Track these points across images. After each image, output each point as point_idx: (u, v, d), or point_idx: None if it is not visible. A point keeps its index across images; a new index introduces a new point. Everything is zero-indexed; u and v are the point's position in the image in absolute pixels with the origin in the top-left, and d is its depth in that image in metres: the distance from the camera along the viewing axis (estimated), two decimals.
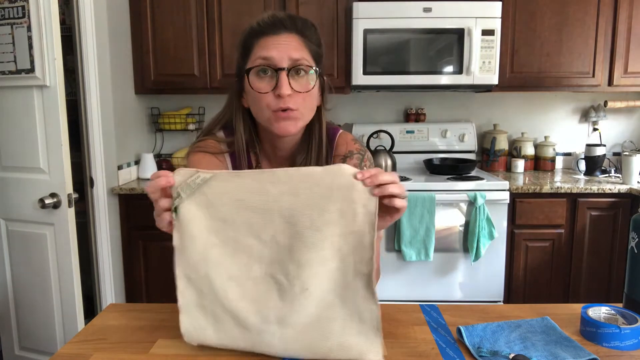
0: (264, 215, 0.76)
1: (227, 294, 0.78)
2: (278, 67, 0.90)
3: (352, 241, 0.75)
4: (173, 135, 2.97)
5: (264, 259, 0.78)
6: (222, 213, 0.76)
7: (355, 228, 0.75)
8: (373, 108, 2.98)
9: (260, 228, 0.77)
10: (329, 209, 0.74)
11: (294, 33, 0.93)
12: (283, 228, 0.76)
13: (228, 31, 2.56)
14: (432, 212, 2.28)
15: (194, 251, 0.77)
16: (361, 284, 0.76)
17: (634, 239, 0.90)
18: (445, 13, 2.44)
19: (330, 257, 0.76)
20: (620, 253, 2.41)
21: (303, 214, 0.75)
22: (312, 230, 0.75)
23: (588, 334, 0.85)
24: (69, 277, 1.91)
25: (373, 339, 0.77)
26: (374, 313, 0.77)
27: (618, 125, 2.94)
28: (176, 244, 0.77)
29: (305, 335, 0.77)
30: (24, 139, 1.88)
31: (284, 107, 0.90)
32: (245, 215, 0.76)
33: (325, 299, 0.77)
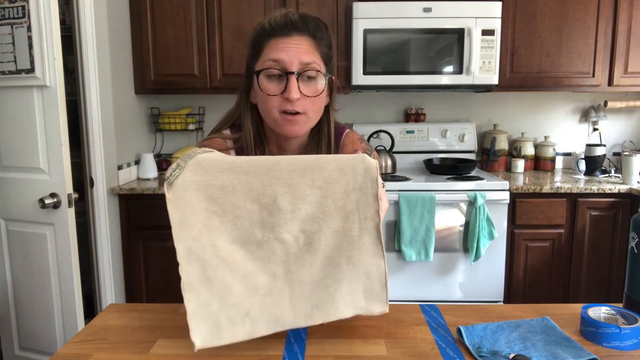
0: (263, 179, 0.76)
1: (234, 256, 0.78)
2: (288, 70, 0.90)
3: (355, 197, 0.77)
4: (173, 135, 2.97)
5: (266, 223, 0.77)
6: (221, 180, 0.76)
7: (357, 184, 0.76)
8: (373, 108, 2.98)
9: (260, 192, 0.76)
10: (328, 168, 0.76)
11: (306, 35, 0.93)
12: (284, 191, 0.76)
13: (228, 31, 2.56)
14: (432, 212, 2.28)
15: (195, 220, 0.76)
16: (368, 239, 0.78)
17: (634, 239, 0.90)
18: (445, 13, 2.44)
19: (333, 213, 0.77)
20: (620, 253, 2.41)
21: (303, 174, 0.76)
22: (314, 189, 0.76)
23: (588, 334, 0.85)
24: (69, 277, 1.91)
25: (379, 292, 0.79)
26: (381, 268, 0.78)
27: (618, 125, 2.95)
28: (175, 218, 0.75)
29: (314, 294, 0.78)
30: (24, 139, 1.88)
31: (291, 110, 0.91)
32: (244, 180, 0.76)
33: (331, 258, 0.79)
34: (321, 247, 0.78)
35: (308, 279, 0.79)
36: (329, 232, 0.78)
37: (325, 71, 0.95)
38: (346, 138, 1.07)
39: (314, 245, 0.78)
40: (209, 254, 0.77)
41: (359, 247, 0.78)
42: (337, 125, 1.08)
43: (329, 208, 0.77)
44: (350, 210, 0.77)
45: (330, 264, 0.79)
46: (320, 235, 0.78)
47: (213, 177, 0.76)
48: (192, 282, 0.76)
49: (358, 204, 0.77)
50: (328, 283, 0.79)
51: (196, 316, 0.76)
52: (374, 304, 0.80)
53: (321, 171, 0.76)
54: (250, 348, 0.83)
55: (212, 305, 0.77)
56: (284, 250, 0.78)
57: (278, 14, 0.94)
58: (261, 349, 0.83)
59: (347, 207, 0.77)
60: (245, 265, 0.78)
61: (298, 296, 0.79)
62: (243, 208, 0.77)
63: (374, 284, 0.79)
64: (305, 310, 0.79)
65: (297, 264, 0.78)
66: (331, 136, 1.03)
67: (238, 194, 0.76)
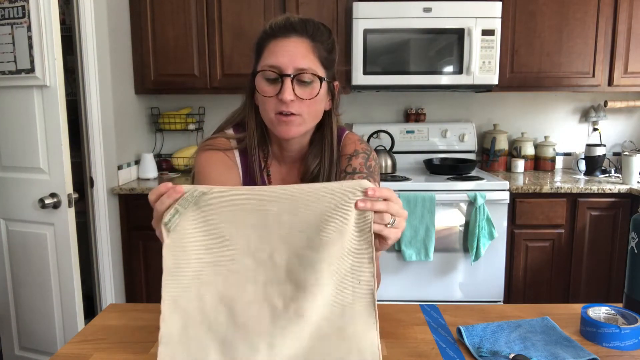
0: (261, 234, 0.74)
1: (218, 317, 0.74)
2: (283, 73, 0.91)
3: (350, 261, 0.74)
4: (173, 135, 2.97)
5: (259, 280, 0.75)
6: (220, 230, 0.74)
7: (353, 247, 0.73)
8: (373, 108, 2.98)
9: (258, 246, 0.74)
10: (327, 228, 0.73)
11: (305, 37, 0.93)
12: (281, 248, 0.74)
13: (228, 31, 2.56)
14: (432, 212, 2.28)
15: (188, 270, 0.74)
16: (360, 306, 0.74)
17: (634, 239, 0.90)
18: (445, 13, 2.44)
19: (327, 280, 0.73)
20: (620, 253, 2.41)
21: (301, 232, 0.73)
22: (310, 250, 0.73)
23: (588, 334, 0.85)
24: (69, 277, 1.91)
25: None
26: (374, 345, 0.73)
27: (618, 125, 2.94)
28: (167, 264, 0.73)
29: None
30: (24, 139, 1.88)
31: (286, 112, 0.92)
32: (243, 233, 0.74)
33: (321, 329, 0.74)
34: (312, 319, 0.73)
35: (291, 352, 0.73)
36: (321, 301, 0.73)
37: (324, 75, 0.95)
38: (346, 139, 1.07)
39: (304, 318, 0.73)
40: (194, 307, 0.74)
41: (351, 317, 0.74)
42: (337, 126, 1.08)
43: (323, 274, 0.73)
44: (345, 275, 0.74)
45: (317, 337, 0.74)
46: (313, 305, 0.73)
47: (213, 227, 0.73)
48: (171, 336, 0.73)
49: (352, 267, 0.74)
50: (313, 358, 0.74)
51: None
52: None
53: (319, 231, 0.73)
54: None
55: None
56: (271, 318, 0.74)
57: (280, 17, 0.95)
58: None
59: (342, 271, 0.74)
60: (226, 330, 0.74)
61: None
62: (238, 262, 0.74)
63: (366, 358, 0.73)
64: None
65: (283, 336, 0.73)
66: (334, 142, 1.03)
67: (236, 246, 0.74)
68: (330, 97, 1.01)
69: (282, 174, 1.07)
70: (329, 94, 1.00)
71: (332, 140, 1.03)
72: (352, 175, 1.00)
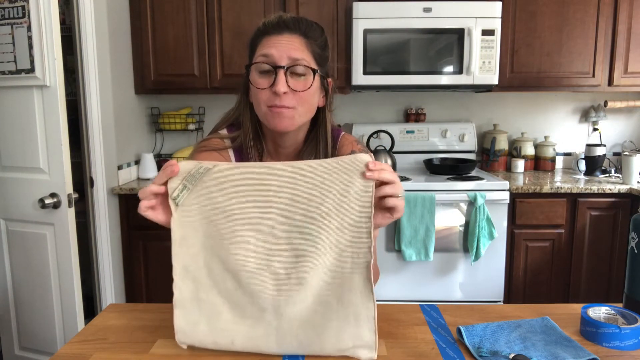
0: (262, 208, 0.77)
1: (226, 283, 0.79)
2: (277, 65, 0.92)
3: (349, 233, 0.77)
4: (173, 135, 2.97)
5: (260, 251, 0.78)
6: (222, 204, 0.77)
7: (352, 221, 0.76)
8: (373, 108, 2.98)
9: (259, 221, 0.77)
10: (326, 203, 0.76)
11: (297, 34, 0.94)
12: (281, 221, 0.77)
13: (228, 31, 2.56)
14: (432, 212, 2.28)
15: (195, 241, 0.78)
16: (359, 278, 0.77)
17: (634, 239, 0.90)
18: (445, 13, 2.44)
19: (327, 249, 0.77)
20: (620, 253, 2.41)
21: (300, 206, 0.76)
22: (310, 222, 0.76)
23: (588, 334, 0.85)
24: (69, 277, 1.91)
25: (368, 338, 0.78)
26: (371, 312, 0.77)
27: (618, 125, 2.94)
28: (176, 235, 0.78)
29: (301, 331, 0.78)
30: (24, 139, 1.88)
31: (278, 104, 0.92)
32: (244, 207, 0.77)
33: (321, 296, 0.78)
34: (313, 284, 0.78)
35: (297, 314, 0.78)
36: (321, 269, 0.78)
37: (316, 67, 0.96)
38: (343, 139, 1.08)
39: (306, 283, 0.77)
40: (204, 274, 0.79)
41: (350, 286, 0.78)
42: (333, 127, 1.09)
43: (322, 244, 0.77)
44: (344, 247, 0.77)
45: (319, 301, 0.78)
46: (313, 273, 0.77)
47: (216, 201, 0.77)
48: (184, 300, 0.80)
49: (352, 240, 0.77)
50: (316, 321, 0.78)
51: (184, 333, 0.80)
52: (362, 350, 0.78)
53: (318, 205, 0.76)
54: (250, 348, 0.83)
55: (200, 326, 0.80)
56: (275, 285, 0.78)
57: (272, 16, 0.96)
58: None
59: (341, 244, 0.77)
60: (235, 294, 0.79)
61: (285, 331, 0.79)
62: (240, 235, 0.77)
63: (363, 330, 0.78)
64: (290, 346, 0.79)
65: (287, 300, 0.78)
66: (328, 138, 1.04)
67: (237, 220, 0.77)
68: (324, 93, 1.02)
69: None
70: (323, 90, 1.01)
71: (327, 137, 1.04)
72: None
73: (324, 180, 0.76)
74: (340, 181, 0.76)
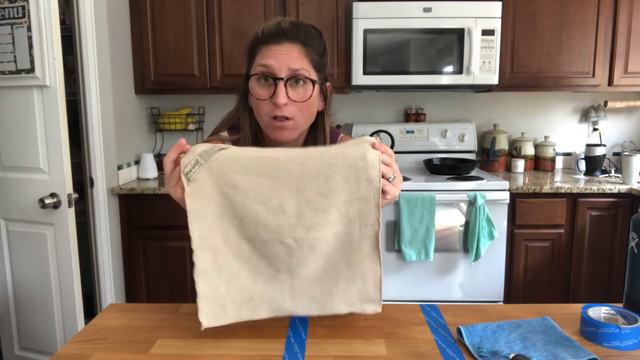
0: (272, 183, 0.80)
1: (242, 249, 0.84)
2: (277, 76, 0.92)
3: (358, 205, 0.81)
4: (173, 135, 2.97)
5: (270, 226, 0.81)
6: (232, 179, 0.80)
7: (360, 194, 0.80)
8: (373, 108, 2.98)
9: (268, 196, 0.80)
10: (334, 177, 0.79)
11: (296, 43, 0.95)
12: (290, 196, 0.80)
13: (228, 31, 2.56)
14: (432, 212, 2.28)
15: (209, 212, 0.81)
16: (367, 245, 0.84)
17: (634, 239, 0.90)
18: (445, 13, 2.44)
19: (336, 221, 0.81)
20: (620, 253, 2.41)
21: (309, 181, 0.79)
22: (319, 196, 0.80)
23: (588, 334, 0.85)
24: (69, 277, 1.91)
25: (373, 294, 0.85)
26: (377, 273, 0.84)
27: (618, 125, 2.94)
28: (191, 208, 0.80)
29: (312, 288, 0.85)
30: (24, 139, 1.88)
31: (279, 115, 0.93)
32: (254, 182, 0.80)
33: (331, 259, 0.84)
34: (323, 250, 0.83)
35: (308, 274, 0.84)
36: (331, 237, 0.83)
37: (316, 77, 0.97)
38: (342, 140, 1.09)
39: (316, 249, 0.83)
40: (220, 243, 0.83)
41: (358, 251, 0.84)
42: (331, 129, 1.10)
43: (332, 216, 0.81)
44: (353, 218, 0.82)
45: (329, 263, 0.84)
46: (323, 241, 0.82)
47: (227, 176, 0.80)
48: (204, 268, 0.82)
49: (360, 212, 0.82)
50: (326, 279, 0.85)
51: (205, 298, 0.82)
52: (368, 304, 0.86)
53: (327, 180, 0.79)
54: (250, 348, 0.83)
55: (220, 289, 0.83)
56: (287, 252, 0.83)
57: (271, 22, 0.96)
58: (261, 349, 0.83)
59: (350, 215, 0.82)
60: (251, 257, 0.84)
61: (298, 288, 0.85)
62: (251, 209, 0.81)
63: (369, 286, 0.85)
64: (303, 302, 0.85)
65: (299, 263, 0.84)
66: (327, 141, 1.05)
67: (248, 194, 0.80)
68: (323, 97, 1.02)
69: None
70: (321, 95, 1.02)
71: (325, 140, 1.05)
72: None
73: (332, 155, 0.79)
74: (348, 155, 0.79)
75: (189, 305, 1.01)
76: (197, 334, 0.88)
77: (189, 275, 2.43)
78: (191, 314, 0.97)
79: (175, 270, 2.43)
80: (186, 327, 0.92)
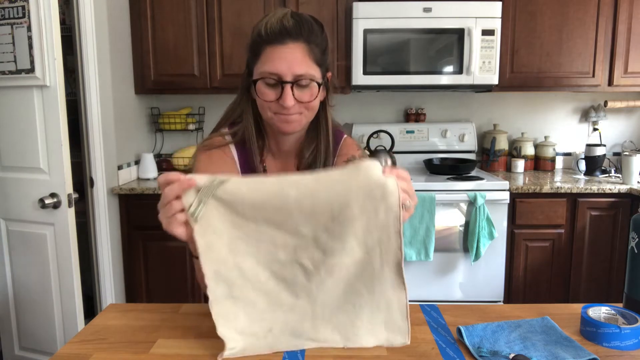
0: (284, 213, 0.76)
1: (259, 276, 0.80)
2: (283, 80, 0.93)
3: (377, 234, 0.77)
4: (173, 135, 2.97)
5: (289, 246, 0.79)
6: (242, 212, 0.77)
7: (379, 222, 0.76)
8: (373, 108, 2.98)
9: (282, 222, 0.77)
10: (350, 205, 0.75)
11: (300, 41, 0.95)
12: (305, 221, 0.77)
13: (228, 31, 2.56)
14: (432, 212, 2.28)
15: (221, 246, 0.78)
16: (390, 273, 0.79)
17: (634, 239, 0.90)
18: (445, 13, 2.44)
19: (355, 248, 0.78)
20: (620, 253, 2.41)
21: (324, 210, 0.76)
22: (335, 223, 0.76)
23: (588, 334, 0.85)
24: (69, 277, 1.91)
25: (401, 324, 0.81)
26: (402, 301, 0.80)
27: (618, 125, 2.94)
28: (201, 246, 0.77)
29: (334, 317, 0.81)
30: (24, 139, 1.88)
31: (286, 114, 0.95)
32: (265, 213, 0.77)
33: (352, 285, 0.80)
34: (342, 276, 0.79)
35: (329, 301, 0.80)
36: (350, 263, 0.79)
37: (319, 74, 0.97)
38: (345, 142, 1.11)
39: (335, 275, 0.79)
40: (235, 276, 0.79)
41: (380, 279, 0.79)
42: (336, 127, 1.11)
43: (350, 243, 0.77)
44: (372, 246, 0.78)
45: (351, 291, 0.80)
46: (342, 267, 0.79)
47: (235, 210, 0.76)
48: (219, 300, 0.80)
49: (380, 240, 0.77)
50: (349, 308, 0.81)
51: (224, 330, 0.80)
52: (395, 335, 0.81)
53: (342, 209, 0.75)
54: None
55: (239, 321, 0.80)
56: (305, 276, 0.80)
57: (274, 19, 0.95)
58: None
59: (369, 243, 0.78)
60: (269, 284, 0.80)
61: (319, 317, 0.81)
62: (265, 233, 0.78)
63: (395, 315, 0.81)
64: (326, 332, 0.81)
65: (319, 288, 0.80)
66: (329, 132, 1.06)
67: (260, 222, 0.77)
68: (325, 89, 1.03)
69: (277, 167, 1.09)
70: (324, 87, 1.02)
71: (328, 129, 1.06)
72: None
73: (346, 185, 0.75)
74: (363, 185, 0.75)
75: (189, 305, 1.01)
76: (197, 333, 0.88)
77: (189, 275, 2.43)
78: (191, 314, 0.97)
79: (175, 270, 2.43)
80: (186, 327, 0.92)
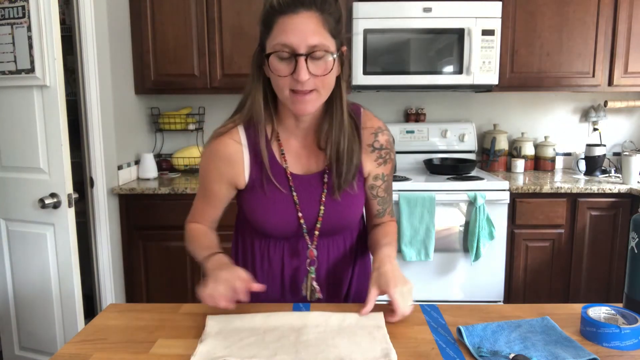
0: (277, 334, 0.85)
1: None
2: (297, 53, 0.91)
3: None
4: (173, 135, 2.97)
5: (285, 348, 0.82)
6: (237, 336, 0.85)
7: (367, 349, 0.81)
8: (373, 108, 2.92)
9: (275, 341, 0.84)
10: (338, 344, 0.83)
11: (313, 10, 0.92)
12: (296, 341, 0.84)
13: (228, 31, 2.56)
14: (432, 212, 2.28)
15: None
16: None
17: (634, 239, 0.90)
18: (445, 13, 2.44)
19: None
20: (620, 253, 2.41)
21: None
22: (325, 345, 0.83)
23: (588, 334, 0.85)
24: (69, 277, 1.91)
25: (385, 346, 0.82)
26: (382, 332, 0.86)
27: (618, 125, 2.94)
28: None
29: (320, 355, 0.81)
30: (24, 139, 1.88)
31: (300, 89, 0.93)
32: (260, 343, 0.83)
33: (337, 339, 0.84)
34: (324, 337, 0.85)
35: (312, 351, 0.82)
36: None
37: (334, 46, 0.95)
38: (367, 114, 1.13)
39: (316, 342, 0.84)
40: None
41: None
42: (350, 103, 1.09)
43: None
44: None
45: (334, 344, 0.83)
46: None
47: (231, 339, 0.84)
48: None
49: None
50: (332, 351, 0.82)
51: None
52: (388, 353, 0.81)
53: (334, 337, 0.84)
54: None
55: None
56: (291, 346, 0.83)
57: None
58: None
59: None
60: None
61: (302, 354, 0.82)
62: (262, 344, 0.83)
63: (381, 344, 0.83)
64: None
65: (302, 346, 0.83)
66: (344, 107, 1.03)
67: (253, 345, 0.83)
68: (340, 63, 1.00)
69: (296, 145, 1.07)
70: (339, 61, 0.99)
71: (342, 106, 1.03)
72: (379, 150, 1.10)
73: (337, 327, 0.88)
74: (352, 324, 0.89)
75: (189, 305, 1.01)
76: (197, 333, 0.88)
77: (189, 275, 2.43)
78: (191, 314, 0.97)
79: (175, 270, 2.42)
80: (186, 327, 0.92)
